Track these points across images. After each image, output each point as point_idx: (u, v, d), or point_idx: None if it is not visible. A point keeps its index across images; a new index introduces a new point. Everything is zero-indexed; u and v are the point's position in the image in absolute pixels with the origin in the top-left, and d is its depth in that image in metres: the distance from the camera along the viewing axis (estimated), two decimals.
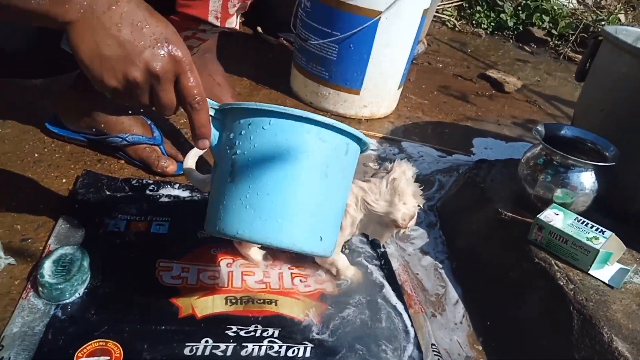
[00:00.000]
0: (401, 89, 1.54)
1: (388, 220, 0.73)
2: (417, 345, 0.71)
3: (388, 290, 0.80)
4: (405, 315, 0.76)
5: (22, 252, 0.75)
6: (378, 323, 0.74)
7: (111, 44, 0.50)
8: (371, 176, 0.75)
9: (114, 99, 0.54)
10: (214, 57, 0.94)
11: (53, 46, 0.84)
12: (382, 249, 0.90)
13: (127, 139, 0.96)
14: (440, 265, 0.94)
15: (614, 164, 0.88)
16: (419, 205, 0.74)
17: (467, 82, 1.99)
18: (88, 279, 0.70)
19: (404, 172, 0.73)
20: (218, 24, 0.73)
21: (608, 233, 0.81)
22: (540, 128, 0.96)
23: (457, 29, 2.71)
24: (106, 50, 0.50)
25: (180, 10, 0.72)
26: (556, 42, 2.76)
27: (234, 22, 0.76)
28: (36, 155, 0.97)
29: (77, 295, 0.68)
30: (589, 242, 0.78)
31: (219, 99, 0.89)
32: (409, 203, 0.72)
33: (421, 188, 0.75)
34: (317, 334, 0.69)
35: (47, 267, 0.70)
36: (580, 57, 2.52)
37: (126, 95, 0.53)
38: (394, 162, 0.75)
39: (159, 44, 0.51)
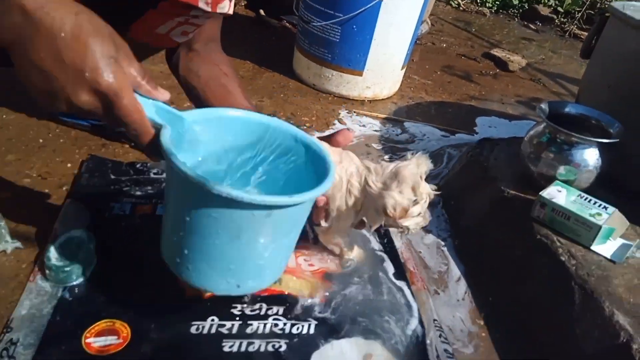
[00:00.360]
0: (404, 69, 1.53)
1: (380, 205, 0.67)
2: (420, 321, 0.72)
3: (390, 267, 0.81)
4: (407, 291, 0.77)
5: (28, 236, 0.77)
6: (380, 296, 0.75)
7: (36, 76, 0.47)
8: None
9: None
10: (218, 47, 0.93)
11: None
12: (385, 228, 0.90)
13: None
14: (443, 243, 0.94)
15: (617, 140, 0.88)
16: (416, 201, 0.66)
17: (471, 61, 1.97)
18: (94, 261, 0.71)
19: (417, 165, 0.67)
20: (209, 9, 0.73)
21: (611, 209, 0.81)
22: (544, 106, 0.96)
23: (461, 8, 2.68)
24: (33, 81, 0.47)
25: None
26: (562, 19, 2.72)
27: (226, 7, 0.75)
28: (41, 140, 0.98)
29: (84, 277, 0.69)
30: (591, 218, 0.78)
31: (226, 88, 0.88)
32: (405, 193, 0.66)
33: (436, 192, 0.68)
34: (321, 311, 0.70)
35: (54, 250, 0.71)
36: (586, 34, 2.49)
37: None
38: (414, 153, 0.69)
39: (79, 78, 0.47)
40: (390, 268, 0.81)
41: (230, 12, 0.77)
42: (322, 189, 0.54)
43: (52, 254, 0.70)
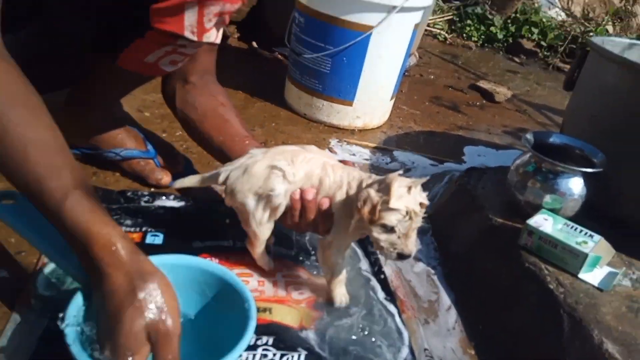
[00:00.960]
0: (393, 100, 1.56)
1: (356, 200, 0.68)
2: (411, 349, 0.72)
3: (381, 292, 0.81)
4: (398, 319, 0.77)
5: (15, 265, 0.76)
6: (372, 322, 0.75)
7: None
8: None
9: None
10: (214, 78, 0.95)
11: (47, 62, 0.86)
12: (376, 256, 0.90)
13: (120, 154, 0.97)
14: (433, 272, 0.95)
15: (601, 170, 0.90)
16: (386, 201, 0.64)
17: (458, 92, 2.02)
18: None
19: (412, 183, 0.66)
20: (195, 38, 0.74)
21: (597, 237, 0.82)
22: (529, 136, 0.98)
23: (448, 41, 2.75)
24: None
25: (156, 26, 0.73)
26: (545, 53, 2.80)
27: (213, 36, 0.77)
28: None
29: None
30: (578, 246, 0.79)
31: (223, 118, 0.90)
32: (379, 192, 0.66)
33: (424, 214, 0.68)
34: (311, 341, 0.70)
35: (41, 279, 0.70)
36: (569, 67, 2.56)
37: None
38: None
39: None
40: (380, 294, 0.81)
41: (218, 41, 0.79)
42: None
43: (39, 283, 0.69)
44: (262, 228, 0.75)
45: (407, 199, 0.66)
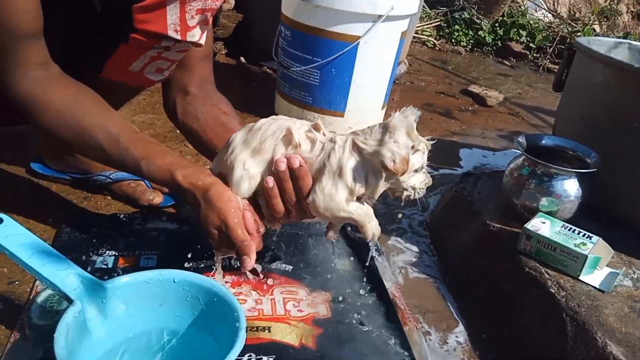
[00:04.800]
0: (385, 108, 1.56)
1: (377, 162, 0.64)
2: None
3: (380, 307, 0.80)
4: (399, 332, 0.75)
5: (9, 295, 0.74)
6: (371, 338, 0.74)
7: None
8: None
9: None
10: (213, 87, 0.94)
11: None
12: (371, 262, 0.89)
13: (110, 176, 0.96)
14: (432, 281, 0.94)
15: (595, 170, 0.90)
16: (416, 148, 0.64)
17: (450, 98, 2.02)
18: None
19: (405, 116, 0.64)
20: (179, 37, 0.74)
21: (595, 238, 0.81)
22: (522, 139, 0.98)
23: (437, 48, 2.76)
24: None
25: (139, 27, 0.73)
26: (535, 55, 2.82)
27: (197, 36, 0.77)
28: (22, 195, 0.96)
29: None
30: (577, 248, 0.79)
31: (226, 126, 0.88)
32: (400, 142, 0.63)
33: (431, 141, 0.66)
34: (311, 358, 0.68)
35: (35, 308, 0.69)
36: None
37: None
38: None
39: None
40: (380, 308, 0.80)
41: (202, 42, 0.78)
42: None
43: (34, 312, 0.68)
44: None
45: (419, 136, 0.65)
